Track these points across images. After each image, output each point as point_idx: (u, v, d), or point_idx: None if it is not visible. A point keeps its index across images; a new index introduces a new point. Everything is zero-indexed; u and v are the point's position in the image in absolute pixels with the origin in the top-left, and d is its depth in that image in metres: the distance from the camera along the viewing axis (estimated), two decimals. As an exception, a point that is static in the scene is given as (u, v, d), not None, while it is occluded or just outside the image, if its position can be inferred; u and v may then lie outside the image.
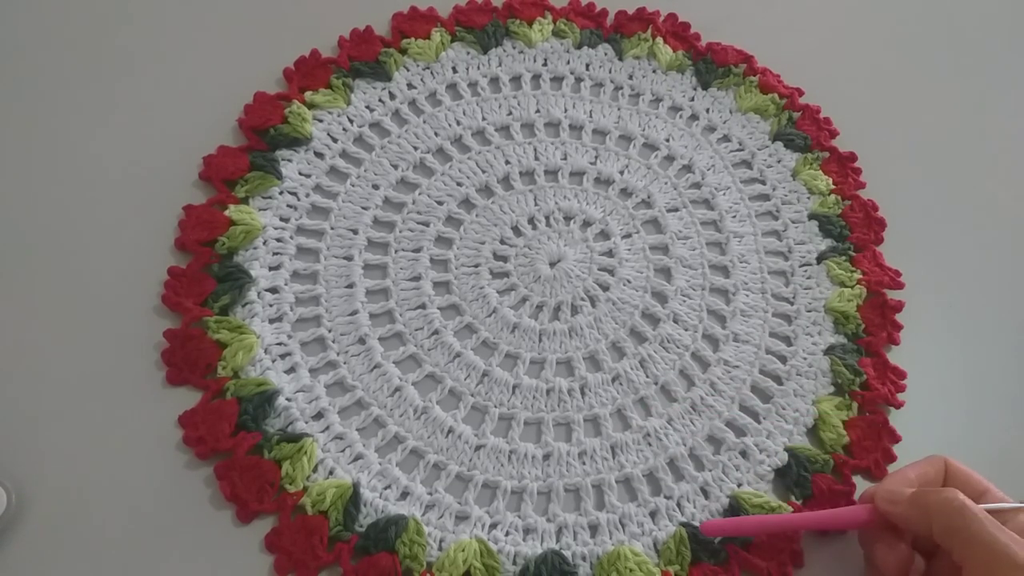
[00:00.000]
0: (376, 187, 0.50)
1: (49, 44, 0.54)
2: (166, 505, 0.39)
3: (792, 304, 0.48)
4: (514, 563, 0.39)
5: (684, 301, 0.48)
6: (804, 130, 0.55)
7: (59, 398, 0.41)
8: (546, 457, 0.42)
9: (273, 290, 0.46)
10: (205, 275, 0.45)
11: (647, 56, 0.58)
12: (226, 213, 0.47)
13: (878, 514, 0.37)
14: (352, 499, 0.40)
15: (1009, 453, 0.45)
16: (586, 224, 0.50)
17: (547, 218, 0.50)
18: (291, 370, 0.44)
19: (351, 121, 0.52)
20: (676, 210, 0.51)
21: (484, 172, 0.51)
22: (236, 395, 0.42)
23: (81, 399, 0.41)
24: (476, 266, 0.48)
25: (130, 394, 0.42)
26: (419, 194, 0.50)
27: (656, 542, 0.40)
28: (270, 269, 0.46)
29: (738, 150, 0.54)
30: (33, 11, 0.55)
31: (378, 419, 0.43)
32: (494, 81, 0.55)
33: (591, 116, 0.55)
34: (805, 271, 0.50)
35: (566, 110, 0.55)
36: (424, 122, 0.53)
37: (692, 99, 0.56)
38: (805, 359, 0.46)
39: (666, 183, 0.52)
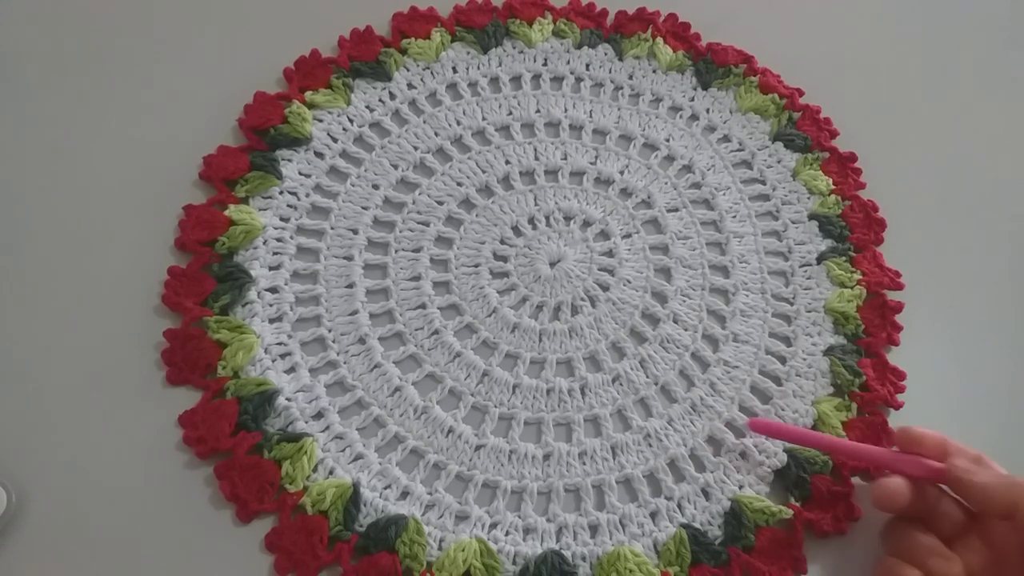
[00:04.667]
0: (376, 187, 0.50)
1: (49, 44, 0.54)
2: (166, 505, 0.39)
3: (792, 304, 0.48)
4: (514, 563, 0.39)
5: (684, 301, 0.48)
6: (804, 130, 0.55)
7: (59, 398, 0.41)
8: (546, 457, 0.42)
9: (273, 290, 0.46)
10: (205, 275, 0.45)
11: (647, 56, 0.58)
12: (226, 213, 0.47)
13: (937, 474, 0.37)
14: (352, 499, 0.40)
15: (1008, 454, 0.45)
16: (586, 224, 0.50)
17: (547, 218, 0.50)
18: (291, 370, 0.44)
19: (351, 121, 0.52)
20: (676, 210, 0.51)
21: (484, 172, 0.51)
22: (236, 395, 0.42)
23: (81, 399, 0.41)
24: (476, 266, 0.48)
25: (130, 394, 0.42)
26: (419, 194, 0.50)
27: (656, 543, 0.40)
28: (270, 269, 0.46)
29: (738, 150, 0.54)
30: (33, 12, 0.55)
31: (378, 419, 0.43)
32: (494, 81, 0.55)
33: (591, 116, 0.55)
34: (805, 271, 0.50)
35: (566, 110, 0.55)
36: (424, 122, 0.53)
37: (692, 99, 0.56)
38: (804, 360, 0.46)
39: (666, 183, 0.52)
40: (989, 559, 0.36)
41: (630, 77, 0.57)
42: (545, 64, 0.57)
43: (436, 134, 0.52)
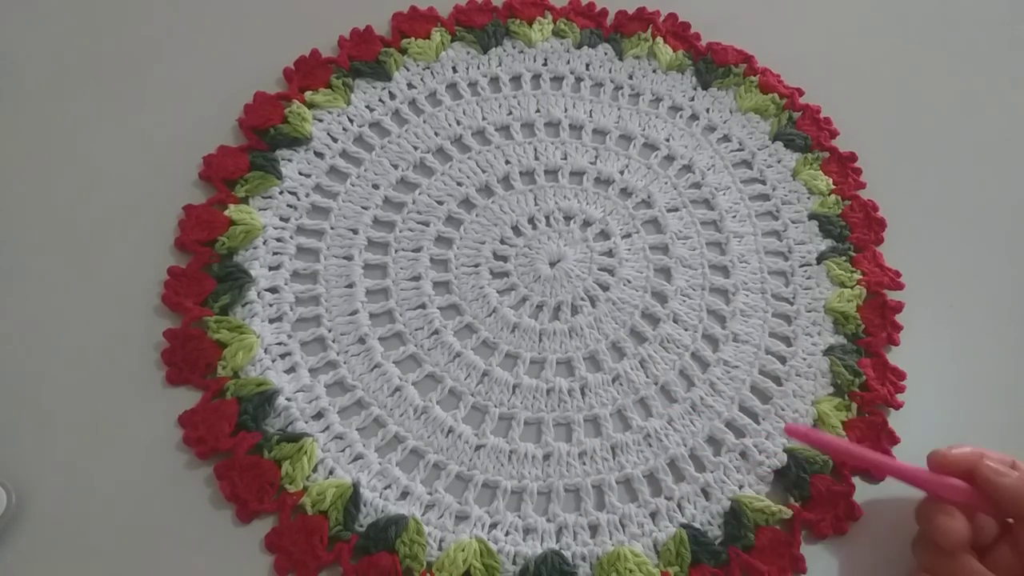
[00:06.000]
0: (376, 187, 0.50)
1: (49, 45, 0.54)
2: (166, 505, 0.39)
3: (792, 304, 0.48)
4: (514, 563, 0.39)
5: (684, 301, 0.48)
6: (804, 130, 0.55)
7: (59, 398, 0.41)
8: (546, 457, 0.42)
9: (273, 290, 0.46)
10: (205, 275, 0.45)
11: (647, 56, 0.58)
12: (226, 213, 0.47)
13: (976, 495, 0.36)
14: (352, 499, 0.40)
15: (1008, 454, 0.45)
16: (586, 224, 0.50)
17: (547, 218, 0.50)
18: (291, 370, 0.44)
19: (351, 121, 0.52)
20: (676, 210, 0.51)
21: (484, 172, 0.51)
22: (236, 395, 0.42)
23: (81, 399, 0.41)
24: (476, 266, 0.48)
25: (130, 394, 0.42)
26: (419, 194, 0.50)
27: (656, 543, 0.40)
28: (270, 269, 0.46)
29: (738, 150, 0.54)
30: (33, 12, 0.55)
31: (378, 419, 0.43)
32: (494, 81, 0.55)
33: (591, 116, 0.55)
34: (805, 271, 0.50)
35: (566, 110, 0.55)
36: (424, 122, 0.53)
37: (692, 99, 0.56)
38: (804, 360, 0.46)
39: (666, 183, 0.52)
40: (1019, 568, 0.35)
41: (630, 77, 0.57)
42: (545, 64, 0.57)
43: (436, 134, 0.52)
